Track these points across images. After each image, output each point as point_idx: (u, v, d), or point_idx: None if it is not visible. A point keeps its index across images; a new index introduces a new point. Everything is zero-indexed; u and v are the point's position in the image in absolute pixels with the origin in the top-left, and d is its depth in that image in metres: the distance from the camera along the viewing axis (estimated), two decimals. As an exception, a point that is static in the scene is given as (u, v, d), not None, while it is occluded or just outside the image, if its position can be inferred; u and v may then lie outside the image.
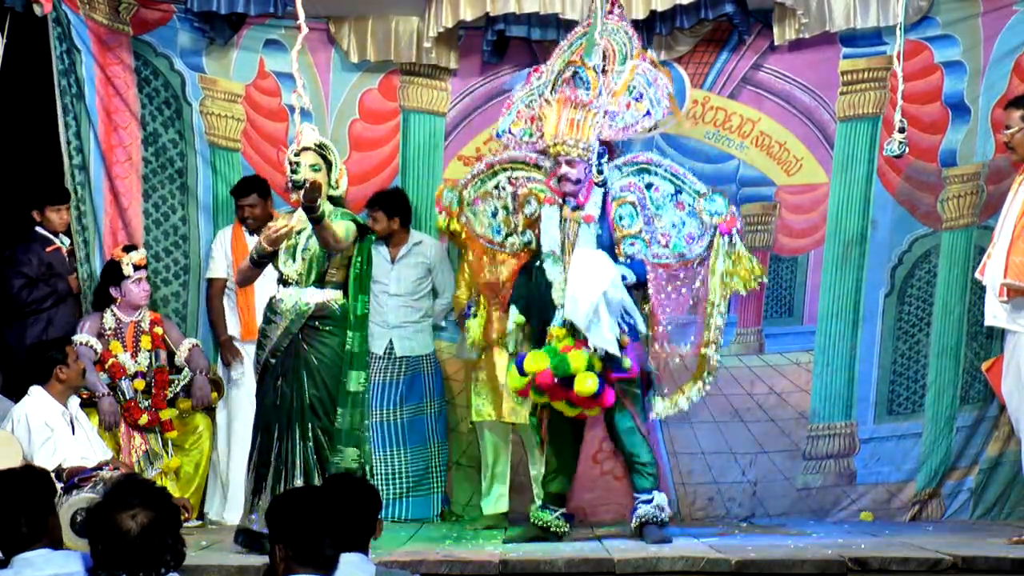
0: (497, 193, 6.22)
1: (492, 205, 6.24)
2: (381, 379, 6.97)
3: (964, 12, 6.78)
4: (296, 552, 3.12)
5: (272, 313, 5.61)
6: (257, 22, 7.04)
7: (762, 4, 6.83)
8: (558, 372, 5.54)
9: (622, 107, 5.81)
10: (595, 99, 5.80)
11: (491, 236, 6.28)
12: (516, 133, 6.10)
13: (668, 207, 5.85)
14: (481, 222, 6.25)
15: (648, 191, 5.87)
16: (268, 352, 5.56)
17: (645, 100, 5.79)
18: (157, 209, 7.10)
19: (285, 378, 5.52)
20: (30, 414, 5.95)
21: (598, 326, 5.55)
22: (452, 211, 6.25)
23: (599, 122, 5.78)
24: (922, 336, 7.03)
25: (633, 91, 5.82)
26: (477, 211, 6.25)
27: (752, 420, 7.04)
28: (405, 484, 6.96)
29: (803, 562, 5.12)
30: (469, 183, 6.29)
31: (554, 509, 5.92)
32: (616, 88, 5.83)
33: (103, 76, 6.87)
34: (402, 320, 7.02)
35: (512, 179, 6.17)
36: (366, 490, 3.68)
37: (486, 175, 6.26)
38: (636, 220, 5.80)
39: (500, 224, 6.24)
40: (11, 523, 3.34)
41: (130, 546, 3.01)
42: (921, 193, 6.97)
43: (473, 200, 6.25)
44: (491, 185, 6.24)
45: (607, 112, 5.80)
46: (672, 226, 5.83)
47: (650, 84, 5.79)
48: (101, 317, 6.69)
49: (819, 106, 7.01)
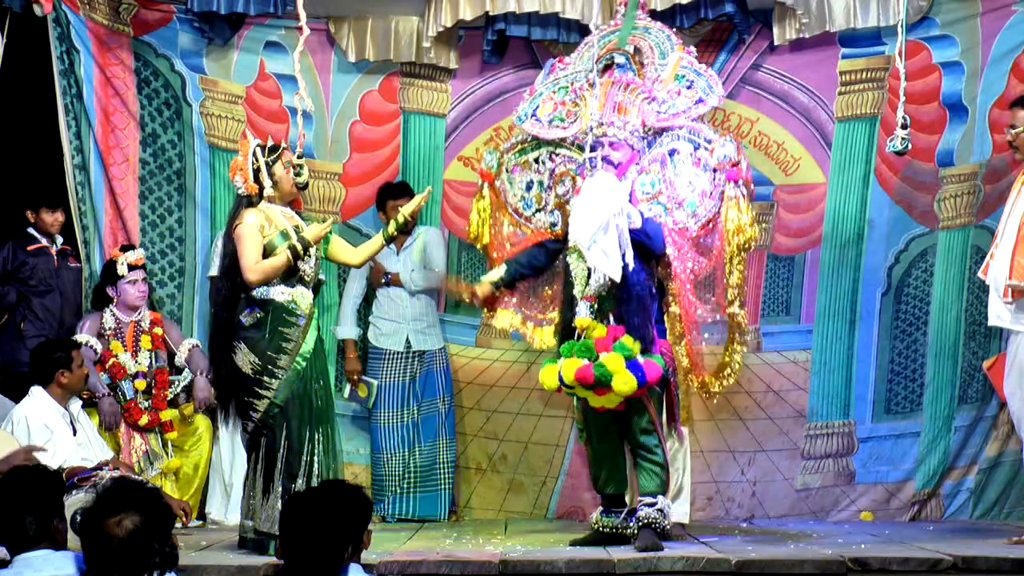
0: (536, 167, 6.04)
1: (528, 177, 6.05)
2: (399, 377, 7.00)
3: (963, 12, 6.79)
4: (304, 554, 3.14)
5: (289, 314, 5.49)
6: (257, 22, 7.04)
7: (762, 4, 6.84)
8: (601, 381, 5.47)
9: (671, 95, 5.69)
10: (644, 83, 5.71)
11: (521, 208, 6.08)
12: (543, 118, 5.92)
13: (687, 166, 5.67)
14: (515, 192, 6.07)
15: (671, 157, 5.70)
16: (299, 355, 5.47)
17: (696, 88, 5.68)
18: (154, 210, 7.09)
19: (318, 380, 5.52)
20: (30, 416, 5.94)
21: (602, 248, 5.42)
22: (490, 173, 6.07)
23: (645, 108, 5.69)
24: (919, 335, 7.05)
25: (683, 79, 5.71)
26: (513, 180, 6.08)
27: (750, 419, 7.05)
28: (414, 481, 6.98)
29: (803, 562, 5.11)
30: (512, 148, 6.11)
31: (617, 512, 5.77)
32: (663, 76, 5.73)
33: (102, 77, 6.87)
34: (417, 314, 7.05)
35: (554, 155, 5.99)
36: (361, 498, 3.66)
37: (530, 145, 6.06)
38: (656, 185, 5.72)
39: (532, 199, 6.05)
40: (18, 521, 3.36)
41: (118, 551, 3.04)
42: (918, 193, 6.99)
43: (512, 167, 6.08)
44: (532, 156, 6.05)
45: (654, 98, 5.70)
46: (688, 183, 5.64)
47: (699, 74, 5.72)
48: (101, 317, 6.69)
49: (817, 106, 7.03)
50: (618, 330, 5.49)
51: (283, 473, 5.42)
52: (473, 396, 7.24)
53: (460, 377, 7.21)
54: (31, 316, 6.76)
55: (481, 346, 7.27)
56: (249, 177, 5.52)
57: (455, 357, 7.21)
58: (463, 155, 7.21)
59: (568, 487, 7.15)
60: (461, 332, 7.22)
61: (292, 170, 5.57)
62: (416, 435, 7.02)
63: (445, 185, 7.27)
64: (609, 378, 5.37)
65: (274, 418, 5.44)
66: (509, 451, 7.20)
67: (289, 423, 5.43)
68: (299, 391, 5.46)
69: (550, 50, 7.06)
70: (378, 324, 7.10)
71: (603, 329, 5.51)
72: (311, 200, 7.10)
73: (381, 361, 7.08)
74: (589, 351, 5.46)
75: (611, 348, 5.42)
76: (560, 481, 7.17)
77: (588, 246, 5.44)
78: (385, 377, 7.06)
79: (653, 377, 5.42)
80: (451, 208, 7.27)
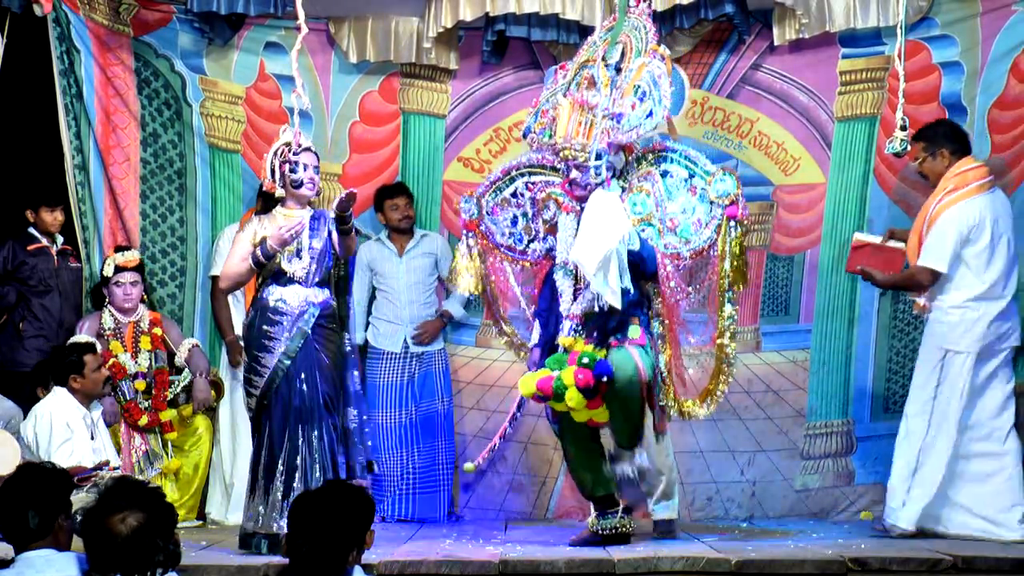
0: (516, 200, 6.03)
1: (511, 213, 6.04)
2: (395, 378, 7.02)
3: (963, 12, 6.79)
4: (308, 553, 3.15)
5: (274, 313, 5.54)
6: (257, 23, 7.04)
7: (762, 4, 6.84)
8: (558, 394, 5.49)
9: (628, 108, 5.62)
10: (602, 101, 5.64)
11: (513, 244, 6.06)
12: (538, 132, 5.91)
13: (681, 191, 5.66)
14: (501, 231, 6.05)
15: (664, 179, 5.70)
16: (282, 354, 5.51)
17: (648, 100, 5.60)
18: (155, 210, 7.09)
19: (303, 378, 5.51)
20: (55, 412, 5.98)
21: (605, 276, 5.42)
22: (473, 221, 6.04)
23: (607, 126, 5.60)
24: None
25: (638, 91, 5.62)
26: (497, 220, 6.05)
27: (750, 418, 7.05)
28: (413, 482, 6.99)
29: (803, 562, 5.13)
30: (487, 191, 6.08)
31: (613, 513, 5.79)
32: (624, 88, 5.66)
33: (102, 77, 6.86)
34: (416, 315, 7.06)
35: (530, 184, 5.97)
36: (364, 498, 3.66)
37: (503, 182, 6.05)
38: (648, 206, 5.70)
39: (521, 232, 6.04)
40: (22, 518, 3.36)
41: (121, 549, 3.05)
42: (916, 193, 6.98)
43: (491, 209, 6.06)
44: (508, 192, 6.04)
45: (615, 115, 5.61)
46: (682, 211, 5.63)
47: (655, 83, 5.57)
48: (100, 317, 6.69)
49: (817, 106, 7.03)
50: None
51: (264, 471, 5.47)
52: (473, 396, 7.24)
53: (460, 377, 7.21)
54: (30, 316, 6.76)
55: (481, 346, 7.27)
56: (267, 175, 5.64)
57: (455, 357, 7.21)
58: (463, 156, 7.22)
59: (568, 487, 7.14)
60: (461, 332, 7.22)
61: (287, 167, 5.61)
62: (415, 436, 7.03)
63: (445, 186, 7.27)
64: (563, 392, 5.42)
65: (260, 415, 5.53)
66: (509, 451, 7.20)
67: (271, 421, 5.49)
68: (281, 389, 5.49)
69: (550, 51, 7.06)
70: (377, 325, 7.12)
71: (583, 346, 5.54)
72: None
73: (379, 361, 7.09)
74: (560, 364, 5.52)
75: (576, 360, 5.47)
76: (560, 481, 7.16)
77: (594, 272, 5.43)
78: (383, 377, 7.07)
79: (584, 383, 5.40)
80: (451, 209, 7.27)
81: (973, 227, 5.94)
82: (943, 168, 6.08)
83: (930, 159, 6.13)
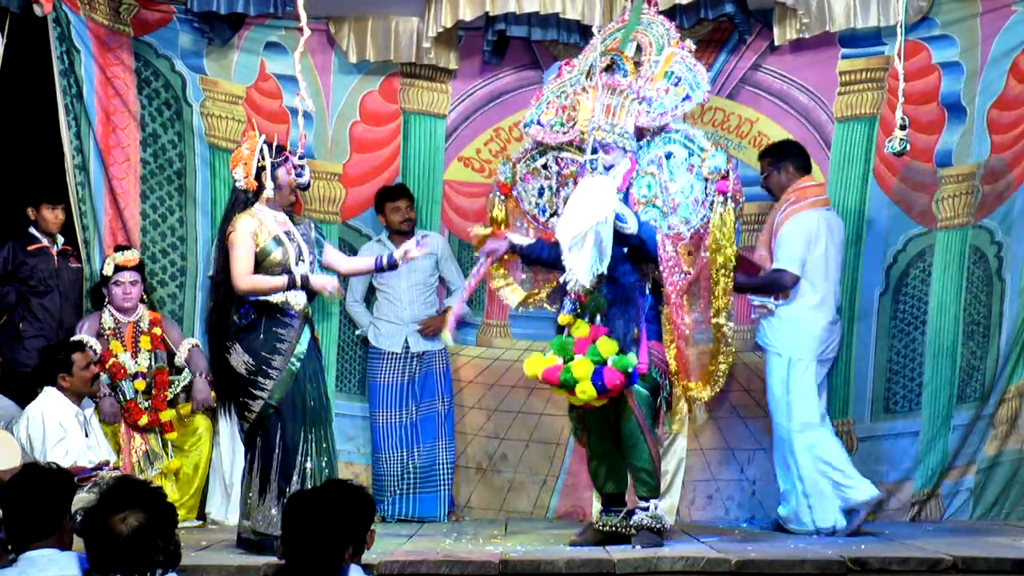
0: (545, 172, 6.09)
1: (539, 183, 6.11)
2: (396, 378, 7.02)
3: (963, 12, 6.79)
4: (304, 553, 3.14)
5: (283, 315, 5.50)
6: (257, 23, 7.04)
7: (762, 4, 6.84)
8: (565, 385, 5.50)
9: (660, 93, 5.67)
10: (632, 84, 5.70)
11: (537, 214, 6.14)
12: (545, 123, 5.94)
13: (682, 171, 5.67)
14: (529, 200, 6.13)
15: (668, 160, 5.70)
16: (294, 356, 5.49)
17: (684, 84, 5.67)
18: (155, 210, 7.09)
19: (310, 380, 5.52)
20: (46, 413, 5.97)
21: (578, 253, 5.44)
22: (507, 184, 6.11)
23: (635, 109, 5.67)
24: (917, 335, 7.05)
25: (671, 76, 5.69)
26: (527, 188, 6.13)
27: (750, 417, 7.05)
28: (414, 482, 6.99)
29: (803, 562, 5.13)
30: (522, 157, 6.15)
31: (617, 511, 5.79)
32: (653, 74, 5.71)
33: (103, 77, 6.86)
34: (417, 316, 7.05)
35: (559, 159, 6.03)
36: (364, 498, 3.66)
37: (538, 152, 6.10)
38: (653, 189, 5.73)
39: (545, 204, 6.11)
40: (25, 518, 3.37)
41: (122, 548, 3.04)
42: (916, 193, 6.99)
43: (524, 176, 6.13)
44: (540, 163, 6.09)
45: (644, 99, 5.68)
46: (681, 191, 5.64)
47: (690, 69, 5.69)
48: (100, 317, 6.69)
49: (817, 106, 7.03)
50: (600, 331, 5.53)
51: (278, 474, 5.43)
52: (473, 395, 7.24)
53: (460, 376, 7.22)
54: (30, 316, 6.77)
55: (481, 345, 7.28)
56: (251, 173, 5.52)
57: (455, 357, 7.21)
58: (463, 155, 7.22)
59: (568, 486, 7.16)
60: (462, 332, 7.21)
61: (294, 171, 5.58)
62: (415, 435, 7.04)
63: (445, 186, 7.28)
64: (572, 384, 5.42)
65: (269, 418, 5.46)
66: (509, 450, 7.21)
67: (284, 423, 5.44)
68: (293, 392, 5.46)
69: (550, 50, 7.06)
70: (378, 325, 7.12)
71: (586, 329, 5.54)
72: (311, 200, 7.12)
73: (380, 361, 7.10)
74: (567, 351, 5.50)
75: (586, 351, 5.45)
76: (561, 480, 7.17)
77: (569, 247, 5.47)
78: (384, 377, 7.07)
79: (612, 385, 5.41)
80: (451, 208, 7.28)
81: (813, 236, 6.30)
82: (787, 182, 6.44)
83: (775, 174, 6.49)
